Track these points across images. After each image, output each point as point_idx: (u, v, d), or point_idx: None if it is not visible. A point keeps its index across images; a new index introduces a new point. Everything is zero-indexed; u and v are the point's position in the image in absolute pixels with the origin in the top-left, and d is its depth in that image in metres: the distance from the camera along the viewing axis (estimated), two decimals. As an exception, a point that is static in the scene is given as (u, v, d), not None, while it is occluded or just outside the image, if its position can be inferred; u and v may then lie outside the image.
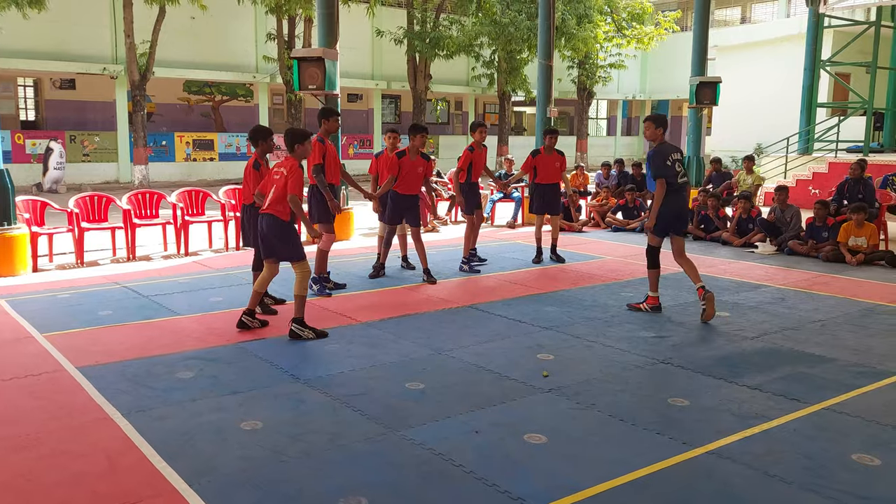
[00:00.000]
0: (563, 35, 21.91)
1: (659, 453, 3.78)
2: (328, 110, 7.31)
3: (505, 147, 25.82)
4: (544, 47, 13.10)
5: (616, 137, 35.05)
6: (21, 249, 8.25)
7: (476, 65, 25.45)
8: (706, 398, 4.60)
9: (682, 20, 30.73)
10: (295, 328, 5.77)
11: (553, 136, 9.13)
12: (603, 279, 8.23)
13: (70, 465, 3.61)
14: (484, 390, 4.73)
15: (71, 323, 6.18)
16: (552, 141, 9.09)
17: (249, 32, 23.18)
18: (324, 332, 5.86)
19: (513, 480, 3.48)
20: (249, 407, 4.38)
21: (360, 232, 11.76)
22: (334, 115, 7.30)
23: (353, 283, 7.87)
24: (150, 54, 18.64)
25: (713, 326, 6.28)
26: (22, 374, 4.92)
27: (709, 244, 10.80)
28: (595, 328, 6.18)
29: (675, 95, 33.16)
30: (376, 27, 23.14)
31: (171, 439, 3.89)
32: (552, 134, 9.16)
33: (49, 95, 22.44)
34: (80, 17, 19.74)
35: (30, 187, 17.59)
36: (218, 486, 3.41)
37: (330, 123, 7.25)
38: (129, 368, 5.04)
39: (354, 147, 25.44)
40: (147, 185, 18.46)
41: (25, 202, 8.99)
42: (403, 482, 3.47)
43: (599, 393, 4.66)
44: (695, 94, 14.52)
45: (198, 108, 24.79)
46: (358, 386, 4.76)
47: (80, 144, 20.38)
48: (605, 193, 12.98)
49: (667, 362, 5.30)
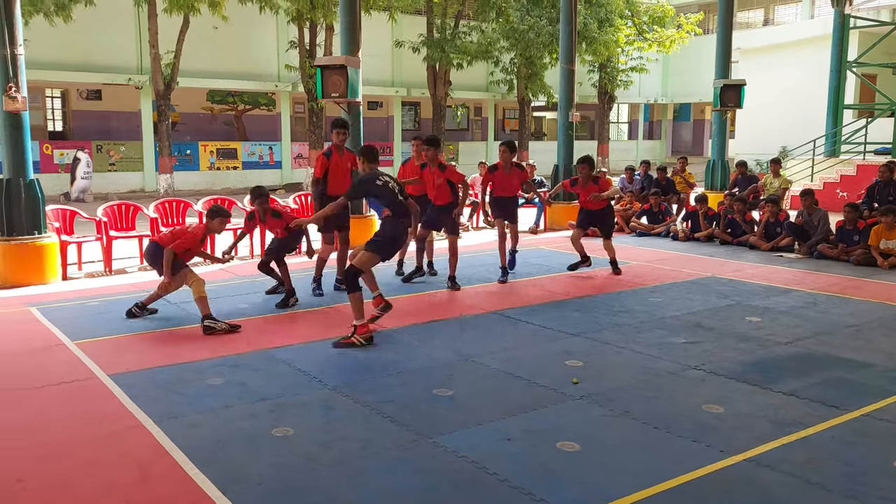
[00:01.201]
0: (584, 39, 21.83)
1: (696, 461, 3.72)
2: (335, 122, 7.48)
3: (525, 152, 25.75)
4: (566, 52, 13.05)
5: (638, 141, 34.82)
6: (51, 258, 8.35)
7: (495, 70, 25.43)
8: (741, 404, 4.52)
9: (704, 23, 30.50)
10: (207, 323, 6.11)
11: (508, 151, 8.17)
12: (629, 284, 8.15)
13: (102, 475, 3.62)
14: (514, 397, 4.69)
15: (101, 330, 6.23)
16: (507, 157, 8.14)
17: (271, 41, 23.37)
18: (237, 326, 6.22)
19: (548, 489, 3.43)
20: (280, 414, 4.38)
21: (383, 238, 11.74)
22: (336, 128, 7.42)
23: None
24: (175, 64, 18.84)
25: (745, 332, 6.18)
26: (54, 381, 4.96)
27: (735, 248, 10.67)
28: (624, 334, 6.11)
29: (697, 98, 32.90)
30: (396, 37, 23.26)
31: (204, 446, 3.90)
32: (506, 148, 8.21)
33: (76, 106, 22.78)
34: (105, 29, 20.02)
35: (58, 196, 17.83)
36: (251, 494, 3.40)
37: (334, 135, 7.40)
38: (160, 375, 5.06)
39: (375, 154, 25.49)
40: (172, 194, 18.63)
41: (55, 211, 9.11)
42: (437, 490, 3.44)
43: (632, 400, 4.60)
44: (719, 96, 14.37)
45: (221, 118, 25.02)
46: (386, 392, 4.74)
47: (106, 154, 20.65)
48: (629, 198, 12.87)
49: (699, 368, 5.22)
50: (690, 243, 11.17)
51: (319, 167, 7.33)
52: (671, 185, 13.57)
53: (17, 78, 8.08)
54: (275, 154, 23.71)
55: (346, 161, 7.45)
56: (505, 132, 32.05)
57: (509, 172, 8.15)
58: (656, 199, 12.30)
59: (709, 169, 15.30)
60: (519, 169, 8.37)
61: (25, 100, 8.18)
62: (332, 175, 7.33)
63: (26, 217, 8.21)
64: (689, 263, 9.47)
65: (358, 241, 10.17)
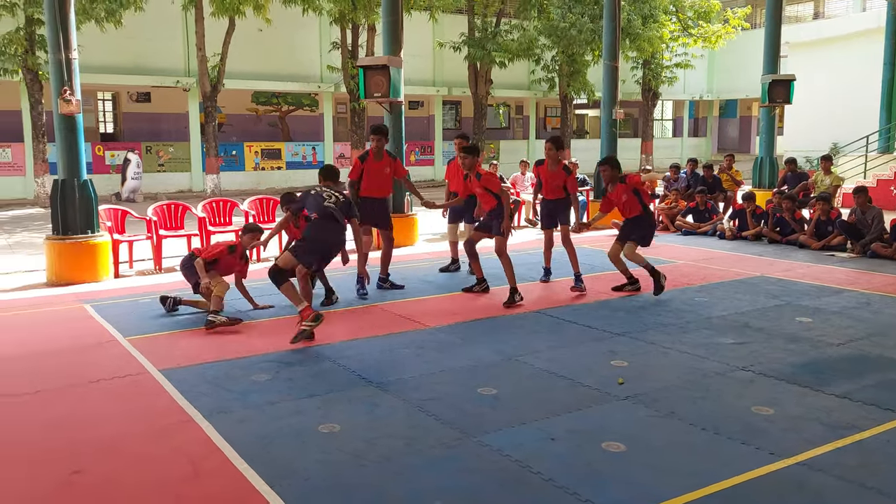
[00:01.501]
0: (627, 35, 21.56)
1: (745, 464, 3.65)
2: (371, 128, 7.63)
3: (567, 151, 25.55)
4: (610, 48, 12.91)
5: (682, 139, 34.22)
6: (104, 256, 8.60)
7: (536, 68, 25.29)
8: (792, 407, 4.42)
9: (751, 16, 29.85)
10: (210, 317, 6.24)
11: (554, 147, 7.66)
12: (675, 284, 8.02)
13: (154, 469, 3.70)
14: (558, 397, 4.66)
15: (151, 327, 6.39)
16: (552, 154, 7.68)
17: (314, 43, 23.64)
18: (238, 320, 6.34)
19: (594, 489, 3.41)
20: (326, 410, 4.43)
21: (423, 237, 11.81)
22: (372, 134, 7.56)
23: (419, 288, 7.91)
24: (221, 67, 19.21)
25: (795, 332, 6.04)
26: (107, 376, 5.11)
27: (785, 247, 10.43)
28: (670, 334, 6.03)
29: (743, 95, 32.18)
30: (437, 37, 23.29)
31: (252, 442, 3.96)
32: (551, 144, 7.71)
33: (126, 108, 23.40)
34: (154, 33, 20.51)
35: (109, 197, 18.33)
36: (299, 489, 3.45)
37: (370, 141, 7.55)
38: (209, 371, 5.17)
39: (416, 153, 25.63)
40: (219, 194, 19.00)
41: (107, 211, 9.37)
42: (482, 489, 3.45)
43: (678, 400, 4.54)
44: (767, 92, 14.07)
45: (265, 119, 25.42)
46: (430, 390, 4.76)
47: (155, 155, 21.16)
48: (675, 196, 12.68)
49: (748, 369, 5.12)
50: (738, 242, 10.96)
51: (354, 170, 7.47)
52: (718, 182, 13.33)
53: (72, 82, 8.33)
54: (318, 154, 23.99)
55: (383, 166, 7.51)
56: (546, 130, 31.86)
57: (554, 170, 7.72)
58: (702, 198, 12.09)
59: (756, 166, 14.98)
60: (565, 172, 7.72)
61: (79, 103, 8.44)
62: (367, 178, 7.43)
63: (80, 217, 8.46)
64: (737, 263, 9.29)
65: (401, 238, 10.31)
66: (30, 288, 8.26)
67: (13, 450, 3.97)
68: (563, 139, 25.42)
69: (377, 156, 7.49)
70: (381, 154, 7.51)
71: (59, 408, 4.55)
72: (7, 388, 4.89)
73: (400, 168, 7.78)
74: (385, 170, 7.55)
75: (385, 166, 7.55)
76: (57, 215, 8.46)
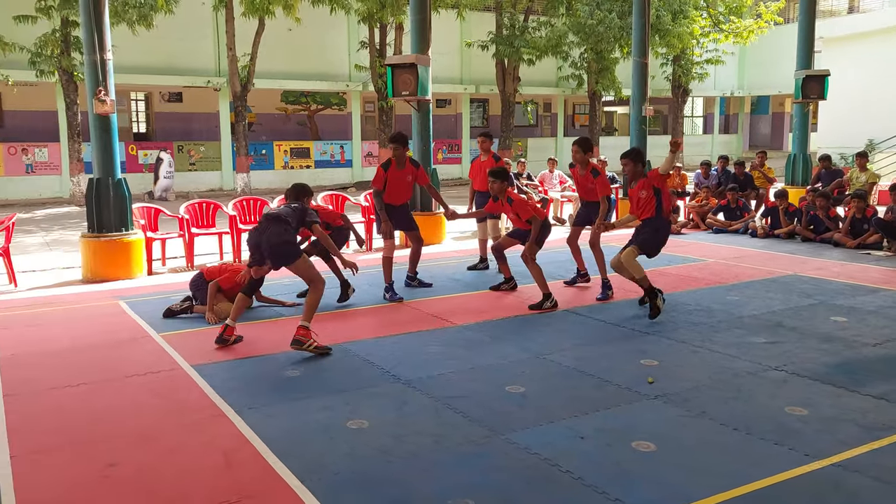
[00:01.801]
0: (657, 32, 21.34)
1: (778, 464, 3.60)
2: (390, 137, 7.58)
3: (595, 148, 25.35)
4: (639, 44, 12.79)
5: (713, 136, 33.76)
6: (137, 253, 8.75)
7: (564, 65, 25.14)
8: (826, 407, 4.34)
9: (784, 11, 29.31)
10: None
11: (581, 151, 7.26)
12: (705, 282, 7.94)
13: (189, 460, 3.77)
14: (587, 395, 4.64)
15: (184, 323, 6.49)
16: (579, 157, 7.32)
17: (342, 42, 23.78)
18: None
19: (623, 488, 3.39)
20: (355, 406, 4.46)
21: (451, 235, 11.82)
22: (391, 143, 7.50)
23: (447, 286, 7.92)
24: (250, 66, 19.41)
25: (829, 332, 5.93)
26: (142, 371, 5.20)
27: (818, 245, 10.25)
28: (700, 333, 5.96)
29: (776, 90, 31.64)
30: (464, 35, 23.26)
31: (283, 437, 4.01)
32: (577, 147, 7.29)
33: (158, 108, 23.76)
34: (185, 34, 20.79)
35: (142, 195, 18.63)
36: (328, 484, 3.48)
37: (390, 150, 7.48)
38: (240, 367, 5.24)
39: (443, 152, 25.65)
40: (249, 192, 19.22)
41: (141, 209, 9.53)
42: (510, 486, 3.44)
43: (709, 400, 4.49)
44: (801, 88, 13.83)
45: (294, 118, 25.63)
46: (458, 388, 4.77)
47: (186, 154, 21.46)
48: (705, 193, 12.53)
49: (780, 369, 5.04)
50: (770, 240, 10.79)
51: (378, 179, 7.39)
52: (749, 180, 13.14)
53: (106, 82, 8.48)
54: (346, 153, 24.13)
55: (405, 174, 7.49)
56: (575, 128, 31.67)
57: (584, 174, 7.38)
58: (734, 195, 11.93)
59: (789, 163, 14.74)
60: (592, 175, 7.29)
61: (113, 103, 8.59)
62: (391, 186, 7.39)
63: (115, 215, 8.62)
64: (769, 261, 9.15)
65: (429, 237, 10.33)
66: (66, 284, 8.44)
67: (57, 438, 4.07)
68: (591, 139, 25.39)
69: (399, 164, 7.46)
70: (403, 162, 7.48)
71: (99, 400, 4.64)
72: (51, 381, 5.01)
73: (423, 176, 7.72)
74: (407, 177, 7.55)
75: (407, 174, 7.54)
76: (92, 213, 8.63)
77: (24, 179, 19.24)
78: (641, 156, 6.73)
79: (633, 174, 6.62)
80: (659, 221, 6.52)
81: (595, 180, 7.28)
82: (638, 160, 6.63)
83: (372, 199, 11.27)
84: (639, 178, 6.58)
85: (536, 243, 6.96)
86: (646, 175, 6.57)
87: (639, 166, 6.62)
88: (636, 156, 6.65)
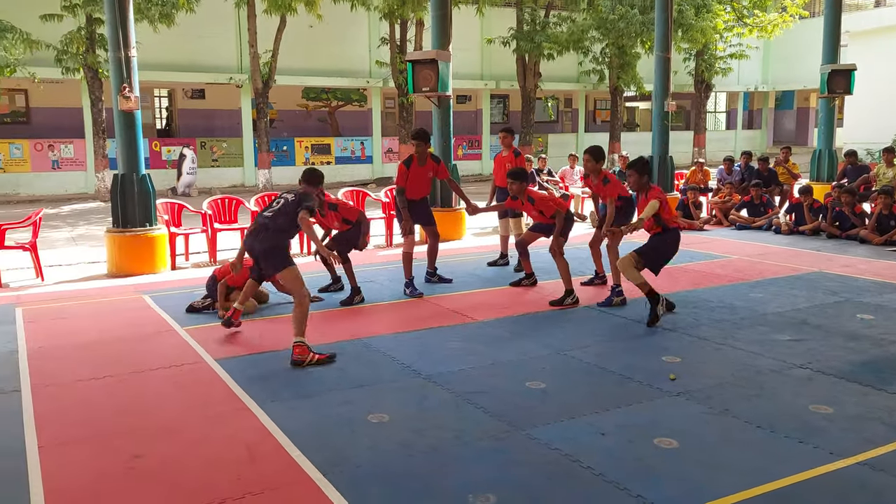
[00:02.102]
0: (679, 26, 21.13)
1: (802, 463, 3.56)
2: (412, 134, 7.55)
3: (617, 144, 25.20)
4: (661, 39, 12.68)
5: (736, 131, 33.38)
6: (161, 249, 8.85)
7: (584, 60, 24.98)
8: (852, 406, 4.29)
9: (810, 4, 28.89)
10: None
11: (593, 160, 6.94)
12: (728, 279, 7.86)
13: (212, 452, 3.82)
14: (608, 391, 4.62)
15: (207, 317, 6.55)
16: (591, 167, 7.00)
17: (363, 38, 23.83)
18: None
19: (645, 485, 3.37)
20: (376, 400, 4.49)
21: (471, 231, 11.82)
22: (413, 139, 7.49)
23: (467, 282, 7.92)
24: (272, 63, 19.52)
25: (855, 330, 5.85)
26: (166, 364, 5.27)
27: (844, 242, 10.11)
28: (723, 330, 5.91)
29: (801, 85, 31.19)
30: (485, 31, 23.20)
31: (305, 430, 4.04)
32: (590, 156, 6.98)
33: (181, 105, 23.99)
34: (208, 31, 20.95)
35: (165, 191, 18.83)
36: (350, 477, 3.51)
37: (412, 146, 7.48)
38: (262, 361, 5.29)
39: (463, 148, 25.63)
40: (270, 188, 19.34)
41: (164, 205, 9.64)
42: (531, 482, 3.44)
43: (732, 398, 4.45)
44: (826, 83, 13.64)
45: (315, 114, 25.74)
46: (479, 383, 4.77)
47: (209, 150, 21.65)
48: (728, 189, 12.40)
49: (805, 367, 4.99)
50: (794, 237, 10.66)
51: (401, 177, 7.40)
52: (773, 176, 12.99)
53: (130, 79, 8.58)
54: (366, 149, 24.20)
55: (426, 170, 7.52)
56: (596, 123, 31.47)
57: (597, 183, 7.01)
58: (757, 191, 11.79)
59: (814, 159, 14.54)
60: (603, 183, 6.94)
61: (138, 99, 8.68)
62: (412, 182, 7.41)
63: (139, 210, 8.72)
64: (794, 258, 9.05)
65: (448, 233, 10.35)
66: (92, 279, 8.56)
67: (84, 430, 4.14)
68: (613, 135, 25.23)
69: (421, 160, 7.47)
70: (424, 158, 7.50)
71: (124, 393, 4.71)
72: (78, 373, 5.09)
73: (443, 171, 7.74)
74: (429, 173, 7.58)
75: (429, 170, 7.56)
76: (117, 209, 8.74)
77: (51, 175, 19.54)
78: (647, 167, 6.36)
79: (639, 186, 6.27)
80: (666, 234, 6.27)
81: (605, 187, 6.92)
82: (643, 172, 6.27)
83: (392, 195, 11.38)
84: (644, 190, 6.24)
85: (562, 235, 6.96)
86: (650, 188, 6.24)
87: (644, 178, 6.26)
88: (641, 167, 6.29)
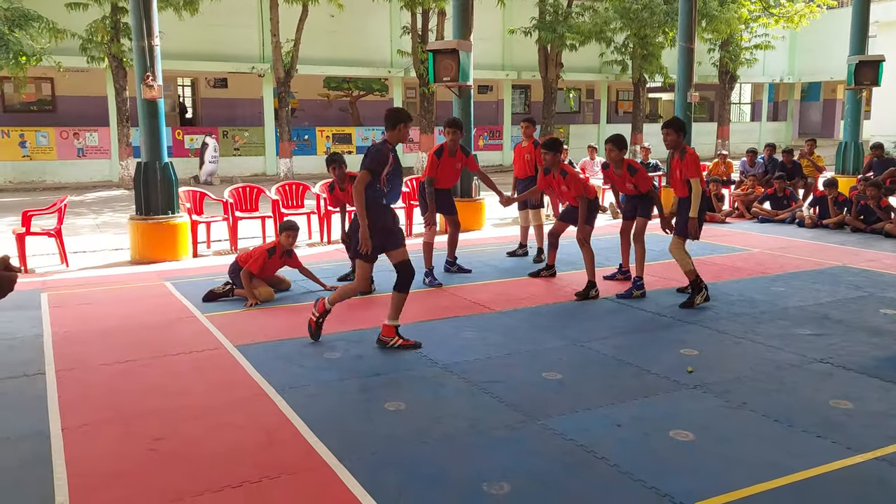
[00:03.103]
0: (704, 17, 20.86)
1: (820, 457, 3.54)
2: (447, 122, 7.49)
3: (639, 135, 24.99)
4: (685, 29, 12.54)
5: (761, 123, 32.92)
6: (183, 236, 8.95)
7: (606, 51, 24.76)
8: (873, 401, 4.25)
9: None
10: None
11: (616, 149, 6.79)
12: (749, 272, 7.80)
13: (232, 436, 3.87)
14: (624, 383, 4.62)
15: (227, 304, 6.63)
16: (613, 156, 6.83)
17: (384, 28, 23.80)
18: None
19: (660, 476, 3.37)
20: (393, 389, 4.52)
21: (491, 222, 11.81)
22: (448, 127, 7.40)
23: (486, 272, 7.93)
24: (294, 53, 19.58)
25: (878, 325, 5.78)
26: (187, 350, 5.34)
27: (869, 236, 9.97)
28: (743, 324, 5.87)
29: (827, 77, 30.68)
30: (507, 24, 23.06)
31: (322, 416, 4.09)
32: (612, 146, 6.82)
33: (204, 94, 24.16)
34: (230, 20, 21.05)
35: (188, 179, 19.00)
36: (366, 463, 3.54)
37: (446, 134, 7.44)
38: (282, 348, 5.35)
39: (484, 138, 25.56)
40: (291, 177, 19.44)
41: (186, 193, 9.74)
42: (546, 471, 3.46)
43: (751, 392, 4.42)
44: (853, 74, 13.41)
45: (336, 104, 25.80)
46: (495, 373, 4.79)
47: (231, 139, 21.80)
48: (751, 182, 12.27)
49: (826, 361, 4.94)
50: (818, 230, 10.53)
51: (431, 167, 7.37)
52: (798, 168, 12.83)
53: (154, 68, 8.65)
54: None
55: (456, 161, 7.49)
56: (618, 115, 31.22)
57: (620, 173, 6.85)
58: (781, 184, 11.65)
59: (840, 152, 14.33)
60: (630, 172, 6.79)
61: (161, 88, 8.76)
62: (442, 173, 7.41)
63: (162, 198, 8.82)
64: (817, 252, 8.94)
65: (468, 223, 10.36)
66: (115, 265, 8.68)
67: (107, 412, 4.22)
68: (636, 126, 25.01)
69: (452, 151, 7.45)
70: (455, 149, 7.49)
71: (146, 377, 4.79)
72: (101, 357, 5.19)
73: (473, 163, 7.76)
74: (457, 164, 7.57)
75: (458, 161, 7.55)
76: (140, 197, 8.85)
77: (76, 163, 19.79)
78: (684, 126, 6.38)
79: (675, 145, 6.28)
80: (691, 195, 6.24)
81: (634, 178, 6.78)
82: (681, 130, 6.28)
83: (414, 184, 11.39)
84: (678, 149, 6.27)
85: (587, 223, 6.94)
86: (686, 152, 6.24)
87: (681, 136, 6.28)
88: (679, 126, 6.30)
